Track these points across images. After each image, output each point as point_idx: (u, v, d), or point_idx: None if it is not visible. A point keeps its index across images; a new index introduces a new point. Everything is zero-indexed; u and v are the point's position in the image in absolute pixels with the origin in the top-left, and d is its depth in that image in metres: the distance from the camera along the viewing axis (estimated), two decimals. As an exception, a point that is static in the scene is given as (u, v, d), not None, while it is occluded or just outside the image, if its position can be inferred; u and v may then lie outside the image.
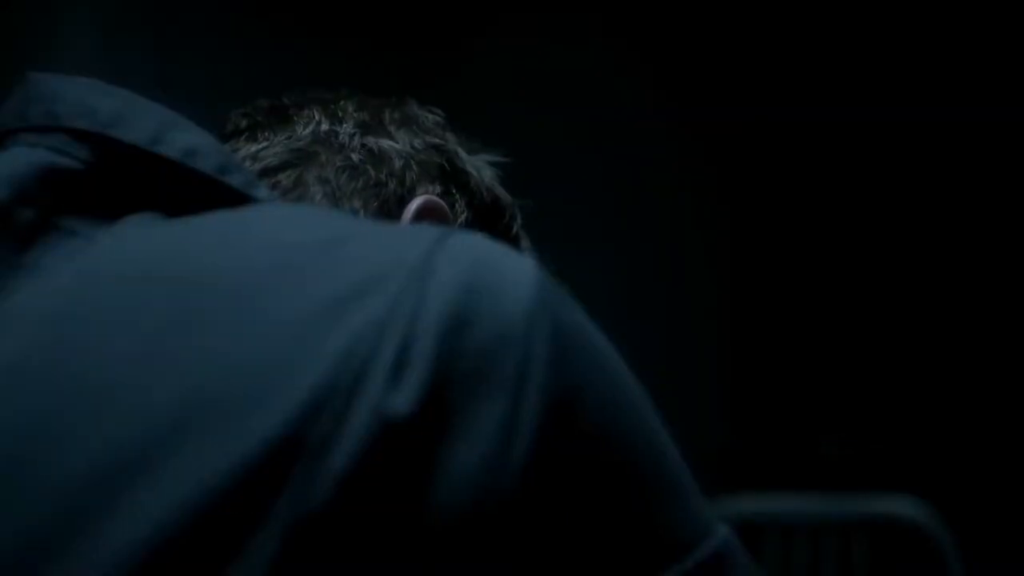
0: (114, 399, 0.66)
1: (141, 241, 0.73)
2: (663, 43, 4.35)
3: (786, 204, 4.63)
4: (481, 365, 0.66)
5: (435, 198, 0.99)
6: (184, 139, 0.79)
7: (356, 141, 1.00)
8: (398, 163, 1.00)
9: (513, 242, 1.05)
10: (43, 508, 0.64)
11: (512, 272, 0.69)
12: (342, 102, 1.02)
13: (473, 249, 0.70)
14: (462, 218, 1.01)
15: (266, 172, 0.97)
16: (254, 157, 0.98)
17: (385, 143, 1.00)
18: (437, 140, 1.03)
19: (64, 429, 0.65)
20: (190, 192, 0.78)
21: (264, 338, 0.66)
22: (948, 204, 4.47)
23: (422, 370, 0.65)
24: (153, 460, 0.64)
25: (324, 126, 1.00)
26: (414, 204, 0.98)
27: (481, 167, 1.05)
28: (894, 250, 4.56)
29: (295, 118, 1.00)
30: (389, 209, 0.98)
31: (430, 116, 1.05)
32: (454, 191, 1.01)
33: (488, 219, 1.02)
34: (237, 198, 0.78)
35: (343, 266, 0.69)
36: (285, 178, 0.97)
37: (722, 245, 4.57)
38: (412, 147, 1.01)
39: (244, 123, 1.01)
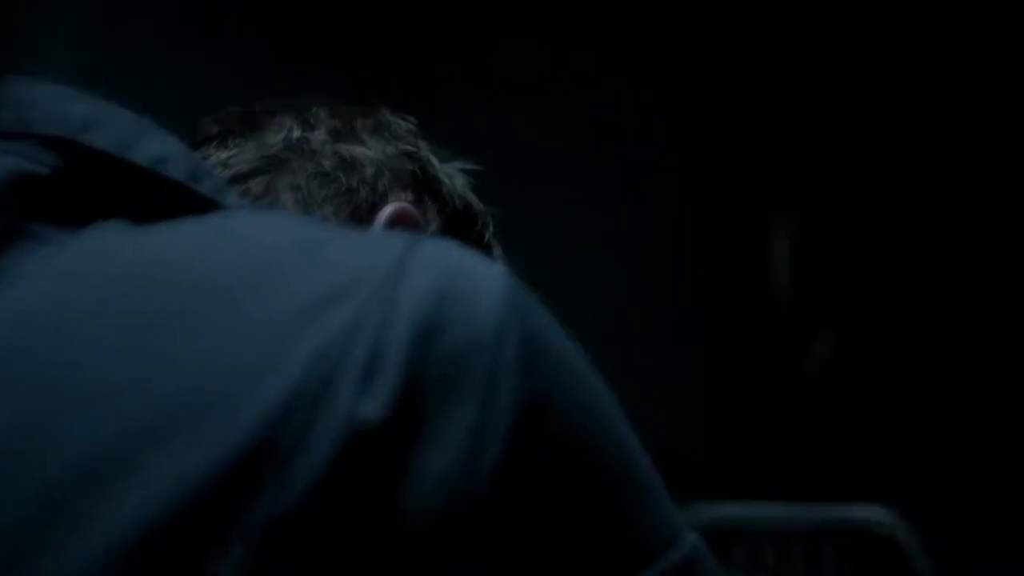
0: (95, 399, 0.66)
1: (116, 245, 0.73)
2: (660, 44, 4.35)
3: (785, 205, 4.64)
4: (452, 371, 0.66)
5: (407, 205, 0.99)
6: (154, 146, 0.79)
7: (328, 148, 1.00)
8: (370, 170, 1.00)
9: (485, 249, 1.05)
10: (26, 505, 0.64)
11: (483, 279, 0.69)
12: (314, 109, 1.02)
13: (444, 256, 0.70)
14: (434, 225, 1.01)
15: (236, 179, 0.97)
16: (225, 164, 0.98)
17: (357, 150, 1.00)
18: (409, 147, 1.03)
19: (47, 427, 0.66)
20: (160, 199, 0.78)
21: (238, 341, 0.66)
22: (949, 209, 4.48)
23: (393, 376, 0.65)
24: (132, 460, 0.64)
25: (296, 133, 1.00)
26: (386, 211, 0.98)
27: (454, 174, 1.05)
28: (893, 252, 4.57)
29: (266, 125, 1.00)
30: (361, 216, 0.98)
31: (403, 123, 1.05)
32: (426, 198, 1.01)
33: (460, 226, 1.03)
34: (207, 205, 0.78)
35: (313, 272, 0.69)
36: (256, 185, 0.97)
37: (718, 246, 4.57)
38: (384, 154, 1.01)
39: (215, 130, 1.01)
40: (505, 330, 0.68)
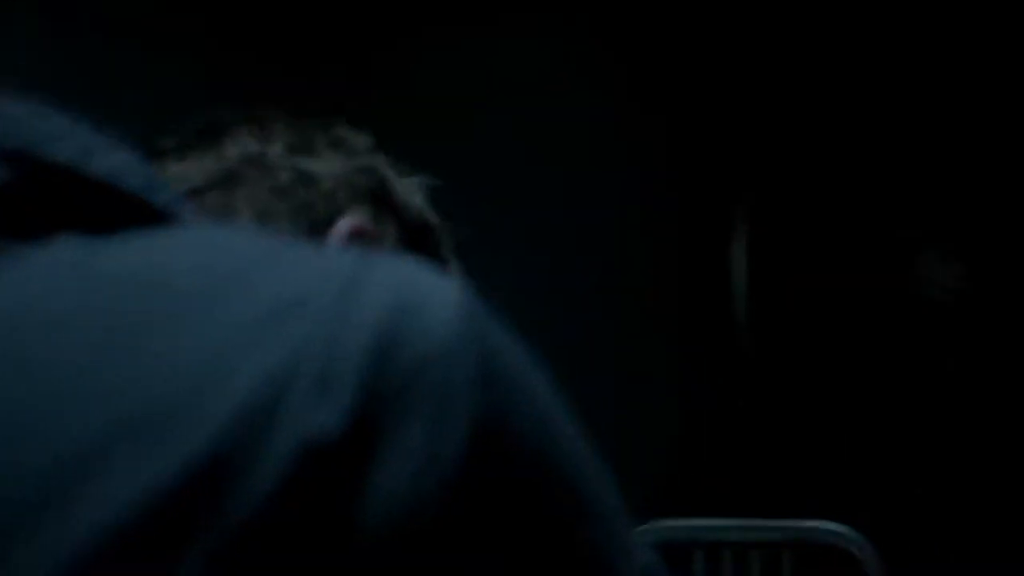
0: (52, 407, 0.66)
1: (73, 256, 0.73)
2: (631, 41, 4.36)
3: (739, 211, 4.65)
4: (405, 387, 0.66)
5: (364, 220, 0.99)
6: (110, 159, 0.79)
7: (285, 162, 1.00)
8: (327, 185, 1.00)
9: (442, 264, 1.05)
10: None
11: (437, 295, 0.69)
12: (272, 123, 1.02)
13: (400, 271, 0.70)
14: (391, 240, 1.01)
15: (193, 192, 0.97)
16: (182, 177, 0.98)
17: (314, 164, 1.00)
18: (367, 162, 1.03)
19: (9, 432, 0.65)
20: (115, 211, 0.78)
21: (192, 351, 0.66)
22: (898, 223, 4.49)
23: (346, 392, 0.65)
24: (89, 469, 0.64)
25: (253, 147, 1.00)
26: (342, 225, 0.98)
27: (411, 190, 1.05)
28: (847, 253, 4.58)
29: (223, 139, 1.00)
30: (318, 230, 0.97)
31: (360, 138, 1.05)
32: (383, 213, 1.01)
33: (417, 241, 1.03)
34: (163, 218, 0.78)
35: (267, 285, 0.69)
36: (212, 198, 0.97)
37: (677, 267, 4.58)
38: (341, 169, 1.01)
39: (173, 143, 1.01)
40: (459, 347, 0.68)
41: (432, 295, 0.69)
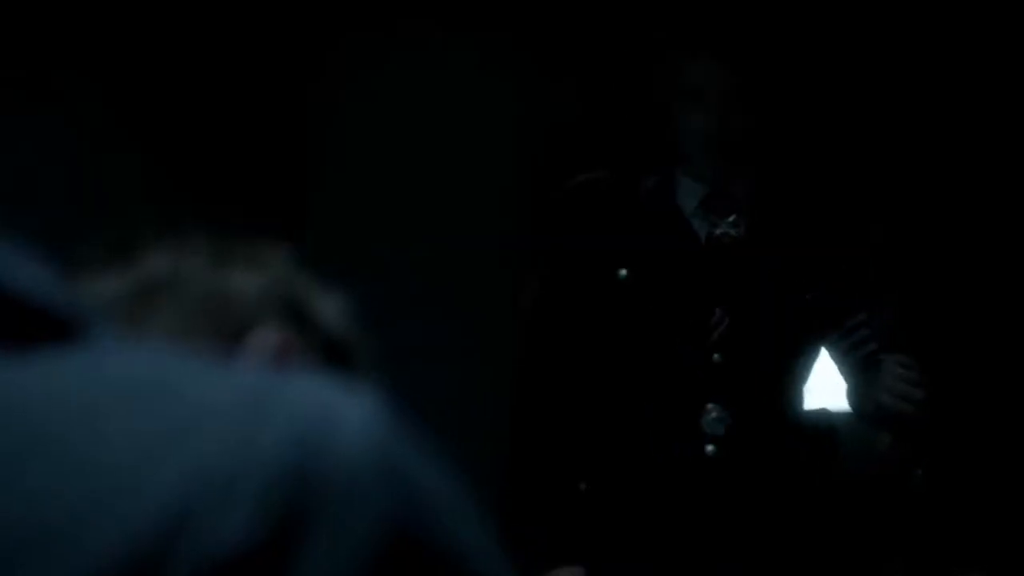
0: None
1: None
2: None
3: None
4: (311, 504, 0.67)
5: (278, 334, 0.99)
6: (21, 273, 0.79)
7: (201, 277, 1.00)
8: (243, 300, 1.00)
9: (357, 378, 1.06)
10: None
11: (348, 413, 0.70)
12: (188, 238, 1.03)
13: (310, 388, 0.71)
14: (306, 355, 1.01)
15: (108, 308, 0.97)
16: (97, 292, 0.98)
17: (231, 280, 1.01)
18: (283, 278, 1.03)
19: None
20: (27, 328, 0.78)
21: (94, 472, 0.66)
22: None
23: (251, 509, 0.66)
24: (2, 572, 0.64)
25: (169, 262, 1.00)
26: (258, 341, 0.98)
27: (327, 304, 1.05)
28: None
29: (140, 254, 1.01)
30: (233, 345, 0.98)
31: (278, 254, 1.06)
32: (298, 328, 1.02)
33: (333, 356, 1.03)
34: (76, 334, 0.78)
35: (179, 400, 0.69)
36: (127, 314, 0.97)
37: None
38: (258, 284, 1.02)
39: (88, 258, 1.01)
40: (366, 465, 0.69)
41: (342, 413, 0.70)
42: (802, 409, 3.24)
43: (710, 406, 3.05)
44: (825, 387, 3.48)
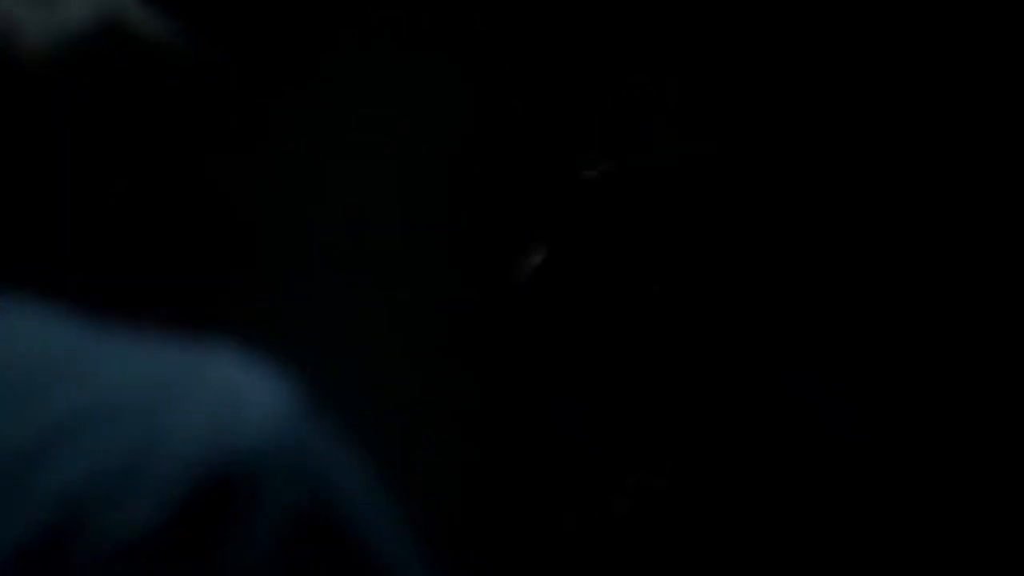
0: None
1: None
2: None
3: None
4: (221, 494, 0.67)
5: None
6: None
7: None
8: None
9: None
10: None
11: (260, 398, 0.71)
12: None
13: (222, 372, 0.71)
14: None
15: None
16: None
17: None
18: None
19: None
20: None
21: (20, 436, 0.67)
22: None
23: (159, 498, 0.66)
24: None
25: None
26: None
27: None
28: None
29: None
30: None
31: None
32: None
33: None
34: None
35: (86, 386, 0.70)
36: None
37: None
38: None
39: None
40: (275, 451, 0.69)
41: (252, 399, 0.70)
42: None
43: None
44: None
